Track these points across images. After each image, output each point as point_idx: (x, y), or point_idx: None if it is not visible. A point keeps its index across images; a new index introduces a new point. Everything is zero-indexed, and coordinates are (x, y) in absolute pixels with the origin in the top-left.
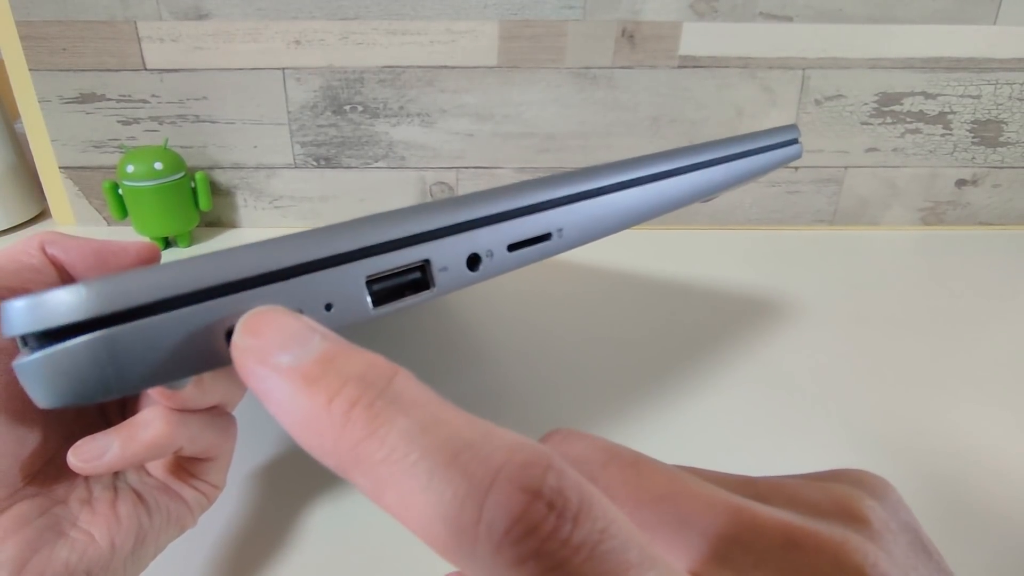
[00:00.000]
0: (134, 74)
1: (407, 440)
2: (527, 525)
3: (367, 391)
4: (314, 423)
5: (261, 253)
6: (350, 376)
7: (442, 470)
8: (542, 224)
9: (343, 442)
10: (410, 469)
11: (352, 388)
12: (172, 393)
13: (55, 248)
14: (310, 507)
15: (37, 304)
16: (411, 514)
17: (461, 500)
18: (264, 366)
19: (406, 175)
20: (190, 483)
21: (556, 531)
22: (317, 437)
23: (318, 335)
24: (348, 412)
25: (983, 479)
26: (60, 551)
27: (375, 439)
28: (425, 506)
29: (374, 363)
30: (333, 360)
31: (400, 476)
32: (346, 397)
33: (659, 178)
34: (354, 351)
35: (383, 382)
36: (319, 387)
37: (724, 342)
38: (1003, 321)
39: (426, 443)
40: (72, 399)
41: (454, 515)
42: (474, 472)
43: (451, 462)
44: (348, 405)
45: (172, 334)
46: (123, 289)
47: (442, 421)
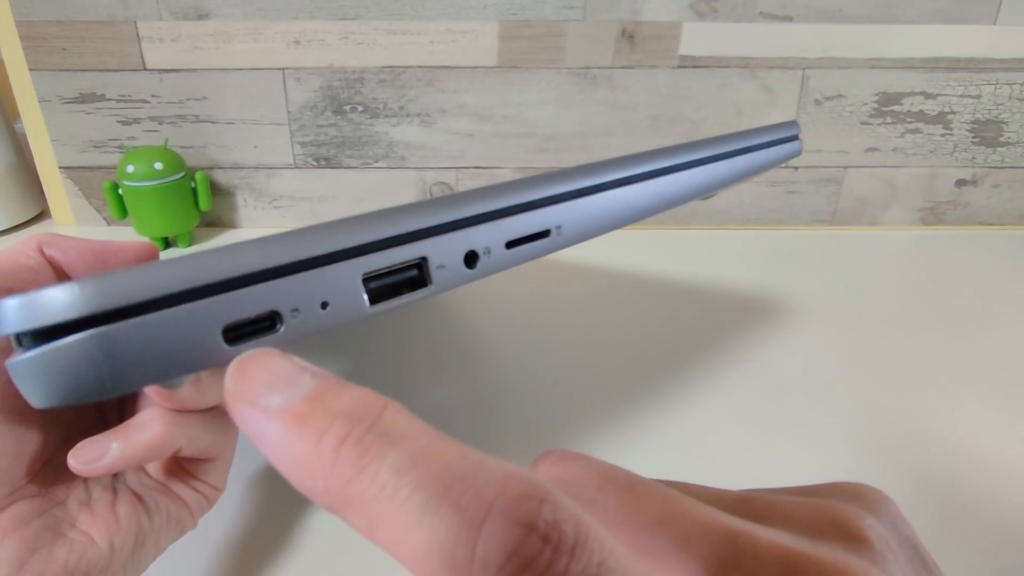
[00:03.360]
0: (134, 74)
1: (398, 475)
2: (522, 560)
3: (356, 426)
4: (305, 463)
5: (257, 251)
6: (339, 412)
7: (435, 505)
8: (540, 221)
9: (334, 481)
10: (402, 505)
11: (341, 424)
12: (170, 393)
13: (53, 249)
14: (311, 510)
15: (30, 302)
16: (405, 550)
17: (455, 535)
18: (254, 408)
19: (406, 175)
20: (190, 484)
21: (552, 565)
22: (309, 478)
23: (308, 374)
24: (337, 449)
25: (983, 480)
26: (59, 552)
27: (365, 476)
28: (419, 542)
29: (363, 398)
30: (322, 398)
31: (392, 512)
32: (335, 434)
33: (658, 175)
34: (343, 387)
35: (372, 416)
36: (308, 426)
37: (723, 342)
38: (1003, 321)
39: (417, 477)
40: (67, 399)
41: (448, 550)
42: (467, 506)
43: (443, 496)
44: (337, 442)
45: (167, 332)
46: (117, 287)
47: (433, 454)
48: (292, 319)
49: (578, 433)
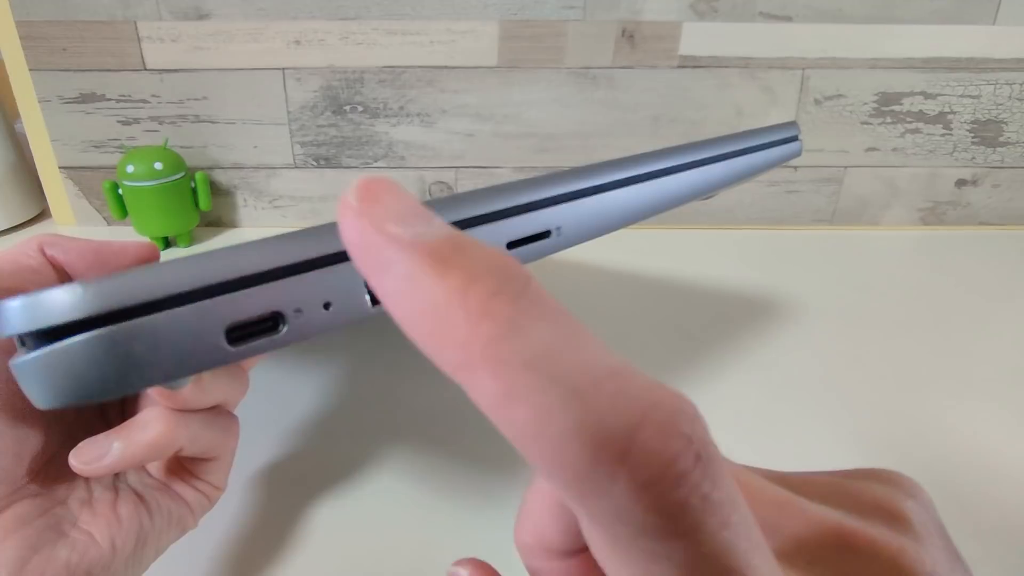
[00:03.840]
0: (134, 74)
1: (555, 348)
2: (677, 472)
3: (508, 284)
4: (443, 309)
5: (259, 251)
6: (488, 266)
7: (592, 391)
8: (541, 222)
9: (478, 334)
10: (556, 380)
11: (492, 278)
12: (172, 393)
13: (54, 249)
14: (312, 510)
15: (34, 303)
16: (543, 434)
17: (609, 429)
18: (383, 235)
19: (406, 175)
20: (191, 484)
21: (700, 485)
22: (444, 326)
23: (439, 218)
24: (489, 302)
25: (982, 479)
26: (60, 551)
27: (520, 338)
28: (564, 426)
29: (509, 261)
30: (464, 246)
31: (542, 386)
32: (486, 285)
33: (658, 175)
34: (484, 244)
35: (523, 281)
36: (452, 269)
37: (723, 342)
38: (1003, 321)
39: (574, 357)
40: (70, 399)
41: (597, 443)
42: (625, 403)
43: (601, 384)
44: (489, 294)
45: (170, 333)
46: (121, 288)
47: (584, 340)
48: (295, 319)
49: None
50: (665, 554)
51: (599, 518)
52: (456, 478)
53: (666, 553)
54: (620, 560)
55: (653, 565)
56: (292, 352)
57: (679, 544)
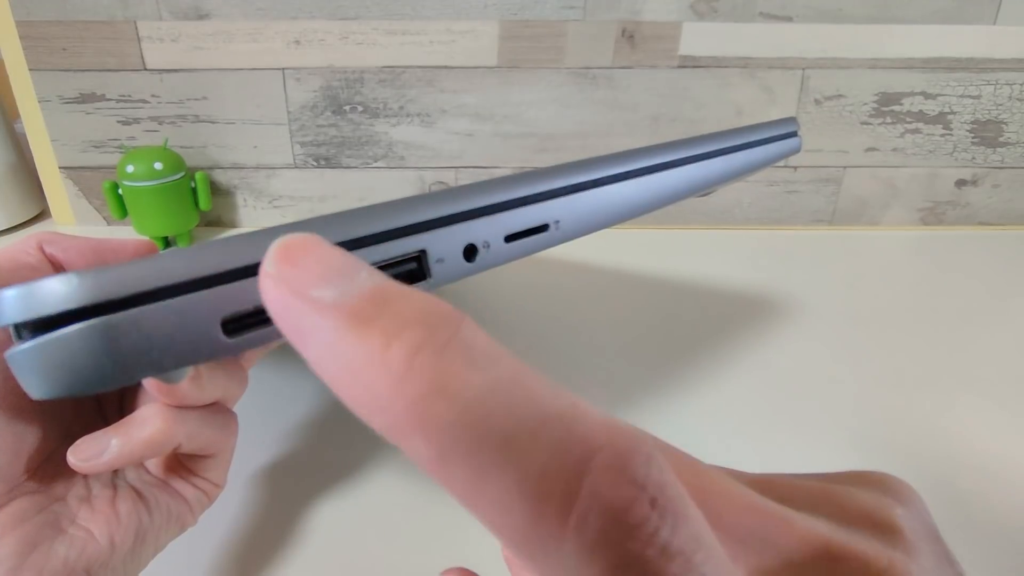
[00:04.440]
0: (134, 74)
1: (483, 401)
2: (630, 524)
3: (432, 336)
4: (365, 372)
5: (256, 242)
6: (410, 318)
7: (528, 443)
8: (539, 215)
9: (402, 397)
10: (487, 437)
11: (414, 332)
12: (170, 389)
13: (53, 247)
14: (312, 508)
15: (29, 293)
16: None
17: (550, 483)
18: (301, 299)
19: (406, 175)
20: (190, 481)
21: (656, 535)
22: (367, 390)
23: (365, 269)
24: (410, 360)
25: (982, 479)
26: (59, 548)
27: (444, 396)
28: (502, 485)
29: (437, 306)
30: (388, 299)
31: (474, 445)
32: (407, 342)
33: (657, 170)
34: (410, 290)
35: (451, 328)
36: (372, 328)
37: (722, 342)
38: (1003, 321)
39: (506, 407)
40: (65, 389)
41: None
42: (567, 451)
43: (538, 433)
44: (410, 352)
45: (167, 323)
46: (116, 277)
47: (523, 383)
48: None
49: None
50: None
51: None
52: None
53: None
54: None
55: None
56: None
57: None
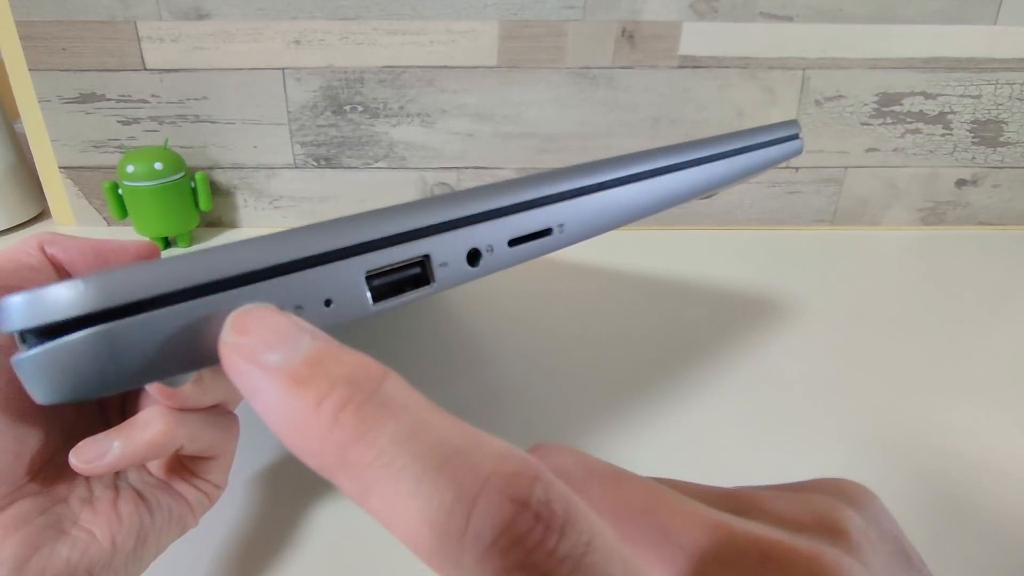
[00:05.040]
0: (134, 74)
1: (395, 444)
2: (514, 536)
3: (356, 393)
4: (301, 425)
5: (261, 248)
6: (339, 378)
7: (431, 476)
8: (543, 219)
9: (330, 445)
10: (397, 474)
11: (342, 390)
12: (172, 392)
13: (54, 248)
14: (314, 509)
15: (35, 299)
16: (397, 519)
17: (449, 507)
18: (252, 364)
19: (406, 175)
20: (192, 482)
21: (543, 542)
22: (304, 439)
23: (308, 335)
24: (337, 415)
25: (982, 480)
26: (61, 549)
27: (363, 442)
28: (411, 511)
29: (364, 365)
30: (322, 361)
31: (387, 481)
32: (335, 399)
33: (660, 173)
34: (344, 352)
35: (373, 384)
36: (308, 388)
37: (723, 342)
38: (1003, 321)
39: (415, 448)
40: (70, 395)
41: (441, 522)
42: (463, 480)
43: (440, 468)
44: (337, 407)
45: (171, 329)
46: (121, 284)
47: (431, 426)
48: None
49: (578, 432)
50: None
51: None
52: None
53: None
54: None
55: None
56: None
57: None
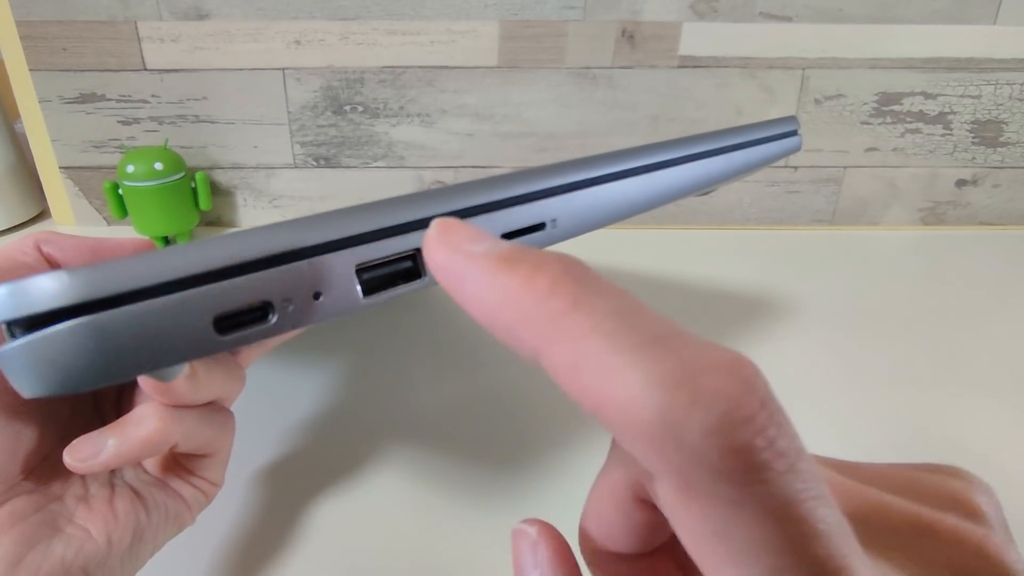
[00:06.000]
0: (134, 74)
1: (615, 316)
2: (742, 416)
3: (569, 269)
4: (516, 298)
5: (249, 240)
6: (548, 259)
7: (651, 348)
8: (535, 214)
9: (544, 313)
10: (618, 343)
11: (555, 266)
12: (166, 388)
13: (50, 247)
14: (312, 509)
15: (19, 290)
16: (612, 393)
17: (675, 379)
18: (460, 254)
19: (405, 175)
20: (188, 480)
21: (765, 430)
22: (518, 310)
23: (504, 241)
24: (554, 285)
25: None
26: (56, 547)
27: (583, 310)
28: (631, 383)
29: (567, 256)
30: (526, 249)
31: (605, 350)
32: (551, 271)
33: (656, 168)
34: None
35: (581, 268)
36: (519, 266)
37: (723, 342)
38: (1003, 321)
39: (634, 322)
40: (56, 387)
41: (664, 395)
42: (687, 357)
43: (662, 342)
44: (553, 278)
45: (158, 321)
46: (108, 275)
47: (644, 310)
48: (284, 309)
49: (578, 432)
50: (739, 499)
51: (675, 470)
52: (457, 477)
53: (739, 498)
54: (697, 515)
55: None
56: (292, 350)
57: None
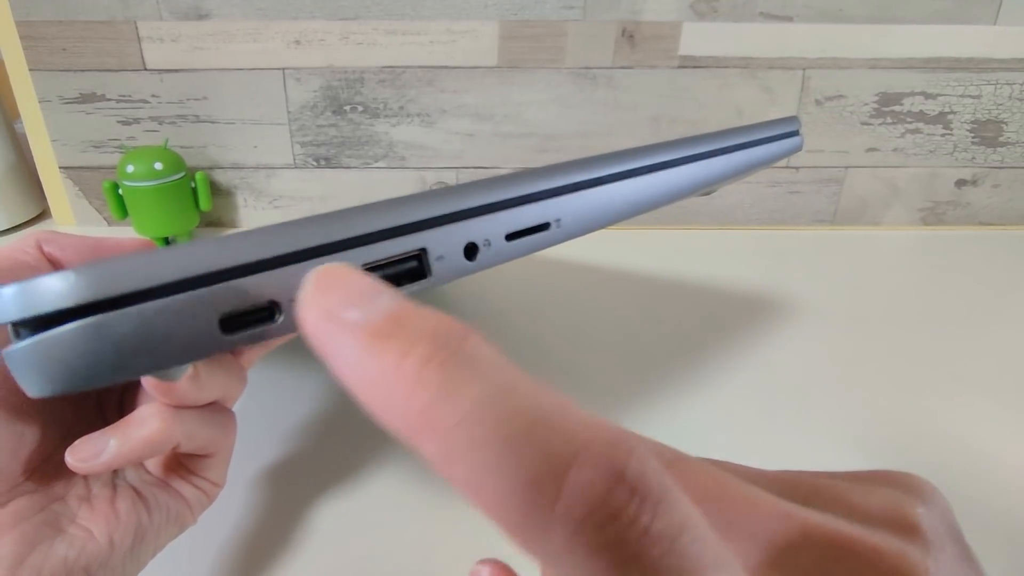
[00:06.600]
0: (134, 74)
1: (482, 406)
2: (610, 510)
3: (440, 350)
4: (383, 383)
5: (255, 240)
6: (422, 334)
7: (520, 442)
8: (540, 214)
9: (414, 403)
10: (485, 437)
11: (425, 346)
12: (168, 388)
13: (51, 246)
14: (313, 510)
15: (26, 290)
16: (482, 489)
17: (540, 476)
18: (331, 322)
19: (406, 175)
20: (190, 480)
21: (637, 519)
22: (385, 398)
23: (387, 293)
24: (420, 371)
25: (982, 479)
26: (58, 547)
27: (448, 403)
28: (498, 480)
29: (447, 322)
30: (404, 317)
31: (473, 445)
32: (418, 355)
33: (658, 168)
34: (424, 310)
35: (456, 342)
36: (389, 344)
37: (723, 342)
38: (1003, 321)
39: (502, 411)
40: (63, 387)
41: (529, 493)
42: (554, 448)
43: (529, 433)
44: (420, 364)
45: (164, 321)
46: (115, 275)
47: (519, 389)
48: (291, 309)
49: None
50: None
51: (547, 564)
52: None
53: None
54: None
55: None
56: (293, 350)
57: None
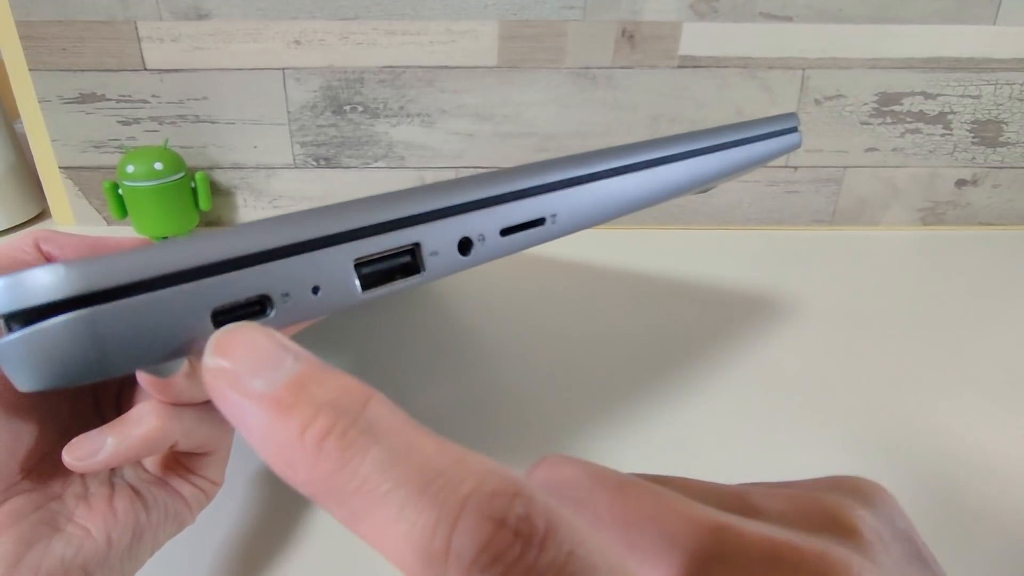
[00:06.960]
0: (134, 74)
1: (380, 470)
2: (493, 554)
3: (340, 419)
4: (287, 453)
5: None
6: (323, 403)
7: (414, 499)
8: (535, 209)
9: (316, 473)
10: (383, 499)
11: (325, 417)
12: (164, 384)
13: (49, 245)
14: (313, 509)
15: (15, 283)
16: (385, 543)
17: (432, 529)
18: (236, 391)
19: (406, 175)
20: (188, 479)
21: (522, 558)
22: (290, 467)
23: (291, 356)
24: (320, 443)
25: (982, 479)
26: (56, 546)
27: (347, 470)
28: (397, 535)
29: (348, 388)
30: (305, 385)
31: (373, 506)
32: (319, 427)
33: (655, 164)
34: (327, 373)
35: (356, 409)
36: (291, 416)
37: (722, 342)
38: (1003, 321)
39: (398, 473)
40: (53, 381)
41: (425, 544)
42: (444, 501)
43: (423, 491)
44: (320, 435)
45: (155, 314)
46: (105, 268)
47: (415, 449)
48: (282, 303)
49: (576, 432)
50: None
51: None
52: None
53: None
54: None
55: None
56: None
57: None
